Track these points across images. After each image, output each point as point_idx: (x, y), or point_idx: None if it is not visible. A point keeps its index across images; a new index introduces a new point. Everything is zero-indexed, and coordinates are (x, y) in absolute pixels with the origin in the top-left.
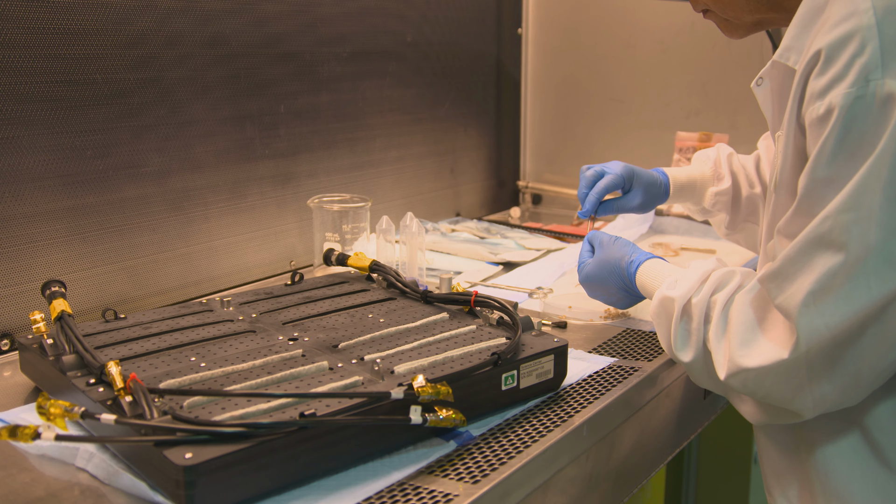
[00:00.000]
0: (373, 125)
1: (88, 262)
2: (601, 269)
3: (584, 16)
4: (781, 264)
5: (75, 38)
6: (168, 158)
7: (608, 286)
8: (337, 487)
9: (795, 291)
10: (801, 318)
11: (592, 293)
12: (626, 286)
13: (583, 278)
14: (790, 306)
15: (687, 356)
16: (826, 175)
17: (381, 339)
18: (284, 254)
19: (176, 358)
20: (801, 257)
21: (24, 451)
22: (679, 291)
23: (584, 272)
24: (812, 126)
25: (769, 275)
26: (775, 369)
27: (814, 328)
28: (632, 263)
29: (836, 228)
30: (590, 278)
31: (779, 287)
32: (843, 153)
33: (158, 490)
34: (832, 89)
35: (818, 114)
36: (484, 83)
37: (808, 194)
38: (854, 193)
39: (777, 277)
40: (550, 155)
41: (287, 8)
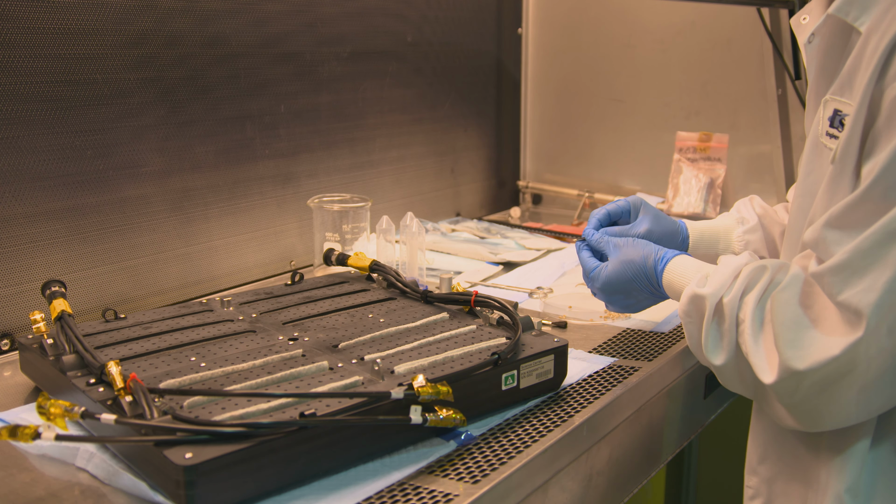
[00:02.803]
0: (373, 125)
1: (88, 262)
2: (624, 271)
3: (584, 16)
4: (850, 257)
5: (75, 38)
6: (168, 158)
7: (631, 289)
8: (337, 487)
9: (868, 288)
10: (874, 317)
11: (610, 299)
12: (651, 286)
13: (602, 285)
14: (861, 303)
15: (719, 359)
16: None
17: (381, 338)
18: (284, 254)
19: (176, 358)
20: (877, 250)
21: (25, 451)
22: (710, 288)
23: (602, 278)
24: (894, 102)
25: (832, 268)
26: (831, 370)
27: (890, 328)
28: (659, 261)
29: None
30: (611, 283)
31: (845, 282)
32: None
33: (159, 490)
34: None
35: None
36: (484, 83)
37: (884, 179)
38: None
39: (843, 271)
40: (550, 155)
41: (287, 8)
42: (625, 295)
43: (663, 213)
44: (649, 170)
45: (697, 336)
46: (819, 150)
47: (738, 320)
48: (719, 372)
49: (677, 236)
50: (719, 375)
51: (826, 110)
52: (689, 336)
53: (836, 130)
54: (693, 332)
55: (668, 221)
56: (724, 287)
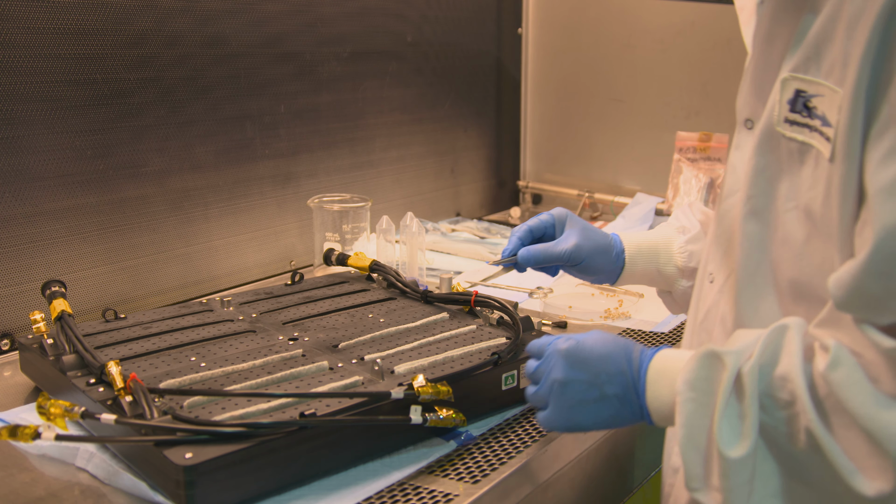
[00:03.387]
0: (373, 125)
1: (89, 262)
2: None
3: (584, 16)
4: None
5: (76, 39)
6: (168, 158)
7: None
8: (337, 487)
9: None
10: None
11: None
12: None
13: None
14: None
15: (738, 449)
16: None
17: (381, 338)
18: (284, 254)
19: (176, 358)
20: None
21: (25, 451)
22: (732, 348)
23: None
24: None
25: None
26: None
27: None
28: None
29: None
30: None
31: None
32: None
33: (159, 490)
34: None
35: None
36: (484, 83)
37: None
38: None
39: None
40: (550, 155)
41: (287, 8)
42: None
43: (592, 227)
44: (649, 170)
45: (705, 422)
46: (775, 141)
47: (775, 397)
48: (730, 470)
49: (610, 251)
50: (727, 476)
51: (785, 91)
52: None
53: (800, 116)
54: (696, 413)
55: (599, 235)
56: (746, 351)
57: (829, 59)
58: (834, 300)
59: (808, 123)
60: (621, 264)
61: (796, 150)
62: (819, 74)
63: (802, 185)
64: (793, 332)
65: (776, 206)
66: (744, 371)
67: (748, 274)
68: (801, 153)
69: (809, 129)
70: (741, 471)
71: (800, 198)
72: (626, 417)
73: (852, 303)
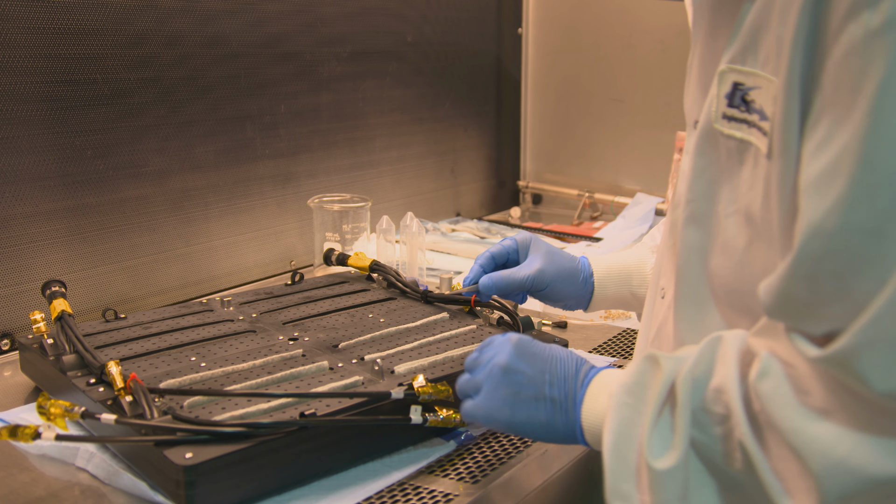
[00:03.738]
0: (373, 125)
1: (89, 262)
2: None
3: (584, 16)
4: (882, 327)
5: (75, 38)
6: (168, 158)
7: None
8: (337, 487)
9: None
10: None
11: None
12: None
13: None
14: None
15: (665, 461)
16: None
17: (381, 338)
18: (284, 254)
19: (176, 358)
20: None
21: (25, 451)
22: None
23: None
24: (850, 55)
25: (855, 349)
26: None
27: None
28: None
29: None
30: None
31: (887, 364)
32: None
33: (159, 490)
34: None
35: (862, 34)
36: (484, 83)
37: (870, 176)
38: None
39: (876, 349)
40: (550, 155)
41: (287, 8)
42: None
43: (559, 251)
44: (649, 170)
45: (633, 429)
46: (714, 140)
47: (705, 410)
48: (656, 482)
49: (577, 275)
50: (654, 490)
51: (723, 85)
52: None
53: (738, 111)
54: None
55: (565, 260)
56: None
57: (766, 47)
58: (764, 307)
59: (746, 119)
60: (590, 289)
61: (735, 148)
62: (756, 65)
63: (742, 186)
64: (728, 342)
65: (717, 210)
66: (677, 381)
67: (689, 286)
68: (741, 152)
69: (748, 125)
70: (669, 484)
71: (740, 200)
72: (558, 428)
73: (780, 310)
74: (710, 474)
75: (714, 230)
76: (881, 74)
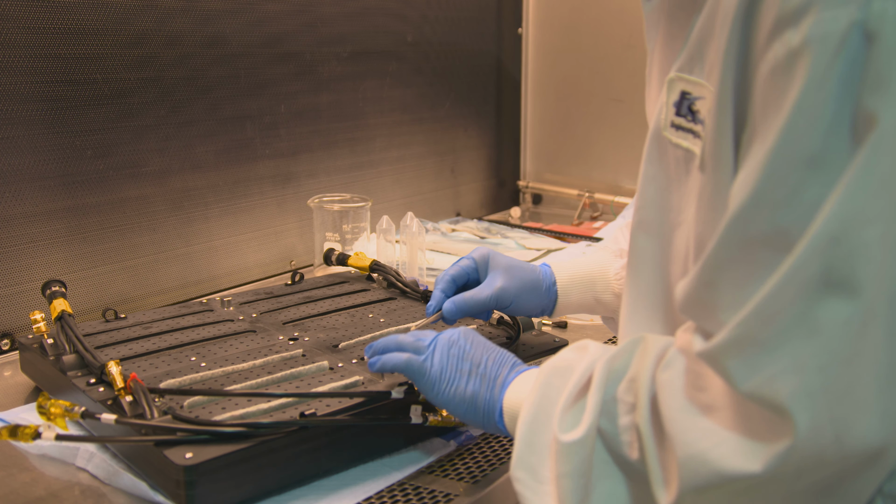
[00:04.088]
0: (373, 125)
1: (89, 261)
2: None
3: (584, 16)
4: (748, 328)
5: (76, 38)
6: (168, 158)
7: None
8: (337, 487)
9: (786, 369)
10: (804, 412)
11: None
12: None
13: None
14: (780, 394)
15: (573, 433)
16: (808, 154)
17: (380, 338)
18: (284, 254)
19: (176, 358)
20: (787, 310)
21: (25, 451)
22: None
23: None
24: (775, 73)
25: (726, 345)
26: (746, 486)
27: (835, 425)
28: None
29: (838, 255)
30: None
31: (752, 366)
32: (834, 114)
33: (159, 490)
34: (810, 11)
35: (785, 52)
36: (484, 83)
37: (772, 191)
38: (862, 189)
39: (743, 349)
40: (551, 155)
41: (287, 8)
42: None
43: (519, 264)
44: None
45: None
46: (663, 148)
47: (616, 399)
48: (561, 454)
49: (540, 286)
50: (558, 461)
51: (671, 93)
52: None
53: (685, 121)
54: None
55: (526, 272)
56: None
57: (710, 57)
58: (676, 304)
59: (692, 129)
60: (554, 297)
61: (682, 157)
62: (702, 74)
63: (690, 195)
64: (650, 339)
65: (669, 218)
66: (596, 367)
67: (639, 293)
68: (687, 161)
69: (693, 135)
70: (571, 457)
71: (687, 210)
72: (479, 404)
73: (686, 310)
74: (615, 463)
75: (667, 238)
76: (797, 94)
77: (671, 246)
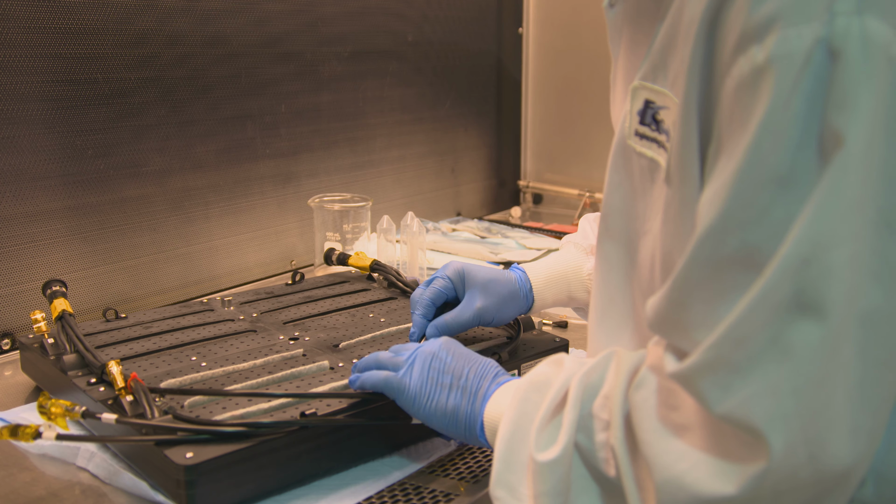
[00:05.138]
0: (373, 125)
1: (89, 261)
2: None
3: (584, 16)
4: (721, 350)
5: (76, 38)
6: (169, 158)
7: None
8: (338, 487)
9: (759, 391)
10: (778, 434)
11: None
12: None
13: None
14: (754, 416)
15: (548, 453)
16: (776, 173)
17: (381, 338)
18: (285, 253)
19: (177, 357)
20: (760, 331)
21: (25, 451)
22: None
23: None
24: (740, 89)
25: (698, 367)
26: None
27: (809, 447)
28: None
29: (808, 277)
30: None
31: (726, 389)
32: (801, 132)
33: (159, 489)
34: (774, 27)
35: (750, 68)
36: (485, 83)
37: (740, 210)
38: (830, 209)
39: (716, 372)
40: (551, 155)
41: (288, 7)
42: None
43: (494, 275)
44: None
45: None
46: (627, 156)
47: (592, 415)
48: (538, 474)
49: (518, 295)
50: (535, 482)
51: (635, 101)
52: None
53: (649, 129)
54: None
55: (502, 284)
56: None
57: (674, 67)
58: (647, 320)
59: (656, 138)
60: (531, 301)
61: (647, 167)
62: (666, 84)
63: (655, 205)
64: (622, 355)
65: (634, 227)
66: (571, 383)
67: (606, 299)
68: (651, 171)
69: (657, 145)
70: (548, 477)
71: (652, 219)
72: (460, 417)
73: (657, 327)
74: (593, 479)
75: (633, 246)
76: (763, 112)
77: (637, 254)
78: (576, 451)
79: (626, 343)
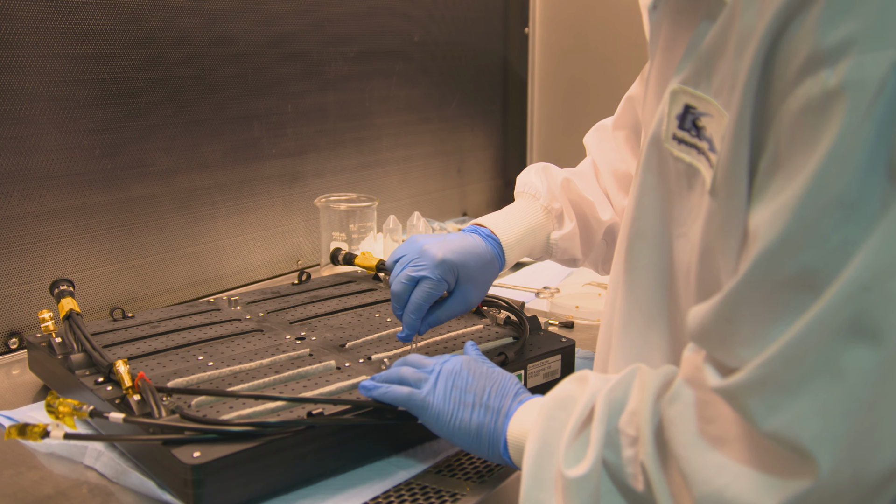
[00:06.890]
0: (379, 125)
1: (96, 261)
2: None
3: (591, 16)
4: (772, 369)
5: (84, 38)
6: (175, 158)
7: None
8: (344, 487)
9: (809, 412)
10: (827, 456)
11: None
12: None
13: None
14: (803, 436)
15: (577, 471)
16: (842, 198)
17: (388, 338)
18: (291, 253)
19: (184, 357)
20: (812, 353)
21: (33, 450)
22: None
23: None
24: (807, 111)
25: (747, 385)
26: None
27: (854, 471)
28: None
29: (867, 303)
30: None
31: (774, 407)
32: (869, 158)
33: (166, 489)
34: (849, 52)
35: (820, 91)
36: (491, 83)
37: (802, 233)
38: (894, 235)
39: (765, 389)
40: (557, 155)
41: (294, 7)
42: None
43: (480, 262)
44: None
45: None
46: (663, 159)
47: (619, 431)
48: (568, 491)
49: (494, 266)
50: (565, 498)
51: (674, 105)
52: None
53: (688, 135)
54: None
55: (489, 273)
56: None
57: (720, 75)
58: (688, 331)
59: (696, 144)
60: (502, 265)
61: (684, 171)
62: (710, 91)
63: (693, 210)
64: (645, 371)
65: (669, 229)
66: (597, 400)
67: (637, 302)
68: (689, 176)
69: (698, 151)
70: (579, 493)
71: (688, 224)
72: (483, 436)
73: (700, 340)
74: (620, 494)
75: (667, 249)
76: (833, 137)
77: (672, 257)
78: (604, 466)
79: (655, 343)
